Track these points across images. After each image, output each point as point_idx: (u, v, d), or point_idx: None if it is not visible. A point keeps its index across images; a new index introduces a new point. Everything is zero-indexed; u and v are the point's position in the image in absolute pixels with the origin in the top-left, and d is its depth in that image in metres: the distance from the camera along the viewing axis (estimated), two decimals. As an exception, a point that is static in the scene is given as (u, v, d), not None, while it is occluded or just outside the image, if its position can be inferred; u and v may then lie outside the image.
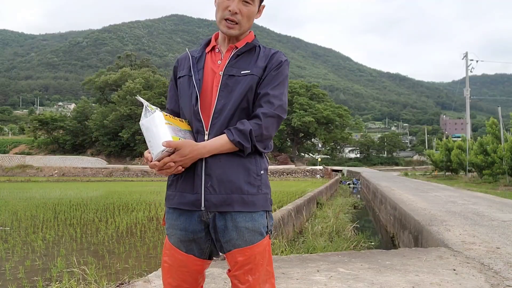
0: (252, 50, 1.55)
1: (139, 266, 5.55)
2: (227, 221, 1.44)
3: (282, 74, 1.52)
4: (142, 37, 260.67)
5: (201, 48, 1.62)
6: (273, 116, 1.46)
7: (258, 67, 1.50)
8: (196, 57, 1.58)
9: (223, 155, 1.45)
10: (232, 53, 1.53)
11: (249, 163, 1.47)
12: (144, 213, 10.84)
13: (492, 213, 7.84)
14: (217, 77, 1.50)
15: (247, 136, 1.42)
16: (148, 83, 58.89)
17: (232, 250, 1.45)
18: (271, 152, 1.89)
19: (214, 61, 1.55)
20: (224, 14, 1.50)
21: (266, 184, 1.51)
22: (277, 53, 1.56)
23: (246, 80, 1.48)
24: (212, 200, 1.43)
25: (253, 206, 1.45)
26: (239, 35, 1.55)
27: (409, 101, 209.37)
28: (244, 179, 1.45)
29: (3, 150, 59.18)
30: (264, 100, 1.47)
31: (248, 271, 1.44)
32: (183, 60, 1.62)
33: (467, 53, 35.60)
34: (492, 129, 23.10)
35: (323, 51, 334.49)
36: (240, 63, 1.51)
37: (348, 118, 59.70)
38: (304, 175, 41.91)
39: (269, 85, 1.48)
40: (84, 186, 25.79)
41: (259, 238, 1.46)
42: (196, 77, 1.52)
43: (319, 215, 10.90)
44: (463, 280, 3.30)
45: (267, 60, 1.52)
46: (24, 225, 8.94)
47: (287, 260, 4.08)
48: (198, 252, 1.52)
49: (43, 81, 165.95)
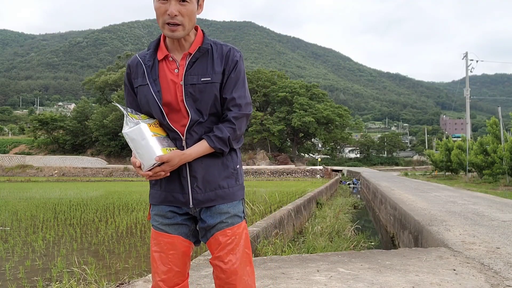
0: (205, 54, 1.60)
1: (139, 266, 5.55)
2: (212, 211, 1.61)
3: (240, 72, 1.61)
4: (142, 37, 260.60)
5: (151, 54, 1.62)
6: (242, 116, 1.61)
7: (216, 73, 1.57)
8: (149, 65, 1.60)
9: (204, 157, 1.59)
10: (187, 61, 1.58)
11: (227, 160, 1.64)
12: (144, 213, 10.84)
13: (492, 213, 7.84)
14: (179, 87, 1.56)
15: (226, 142, 1.58)
16: (148, 83, 58.80)
17: (215, 233, 1.60)
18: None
19: (171, 70, 1.59)
20: (164, 19, 1.52)
21: (241, 175, 1.70)
22: (231, 51, 1.61)
23: (209, 89, 1.56)
24: (199, 198, 1.60)
25: (233, 196, 1.64)
26: (186, 35, 1.57)
27: (409, 101, 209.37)
28: (225, 175, 1.62)
29: (3, 150, 59.19)
30: (231, 104, 1.59)
31: (230, 251, 1.58)
32: (135, 67, 1.64)
33: (467, 53, 35.58)
34: (493, 129, 23.09)
35: (323, 51, 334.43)
36: (198, 69, 1.57)
37: (348, 118, 59.67)
38: (304, 175, 41.92)
39: (232, 88, 1.59)
40: (84, 186, 25.80)
41: (238, 221, 1.64)
42: (155, 88, 1.57)
43: (319, 215, 10.90)
44: (463, 280, 3.30)
45: (224, 62, 1.59)
46: (24, 225, 8.94)
47: (287, 260, 4.08)
48: (185, 234, 1.64)
49: (43, 81, 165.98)
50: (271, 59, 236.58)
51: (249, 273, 1.63)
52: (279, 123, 53.71)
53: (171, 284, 1.60)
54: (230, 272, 1.57)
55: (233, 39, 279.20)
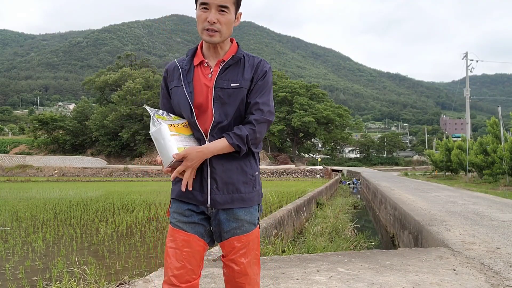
0: (238, 62, 1.73)
1: (139, 266, 5.55)
2: (229, 215, 1.70)
3: (267, 82, 1.73)
4: (142, 37, 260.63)
5: (188, 60, 1.77)
6: (264, 121, 1.69)
7: (245, 80, 1.69)
8: (185, 69, 1.74)
9: (225, 161, 1.68)
10: (220, 67, 1.70)
11: (246, 166, 1.72)
12: (144, 213, 10.84)
13: (492, 213, 7.84)
14: (211, 90, 1.68)
15: (244, 140, 1.65)
16: (148, 83, 58.85)
17: (230, 238, 1.71)
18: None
19: (205, 75, 1.72)
20: (204, 25, 1.66)
21: (258, 183, 1.79)
22: (261, 63, 1.75)
23: (237, 93, 1.68)
24: (217, 199, 1.68)
25: (250, 202, 1.73)
26: (222, 43, 1.71)
27: (409, 101, 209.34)
28: (242, 180, 1.71)
29: (3, 150, 59.16)
30: (254, 108, 1.68)
31: (242, 254, 1.71)
32: (172, 71, 1.79)
33: (467, 53, 35.57)
34: (493, 129, 23.08)
35: (323, 51, 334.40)
36: (229, 76, 1.69)
37: (348, 118, 59.66)
38: (304, 175, 41.92)
39: (257, 94, 1.70)
40: (84, 186, 25.79)
41: (253, 228, 1.75)
42: (188, 89, 1.70)
43: (319, 215, 10.90)
44: (463, 280, 3.30)
45: (253, 71, 1.71)
46: (24, 225, 8.94)
47: (287, 260, 4.08)
48: (200, 234, 1.72)
49: (43, 81, 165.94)
50: (271, 59, 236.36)
51: (257, 273, 1.77)
52: (279, 123, 53.69)
53: (182, 280, 1.66)
54: (241, 273, 1.72)
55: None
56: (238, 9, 1.72)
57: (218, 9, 1.64)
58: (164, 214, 10.71)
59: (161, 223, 9.35)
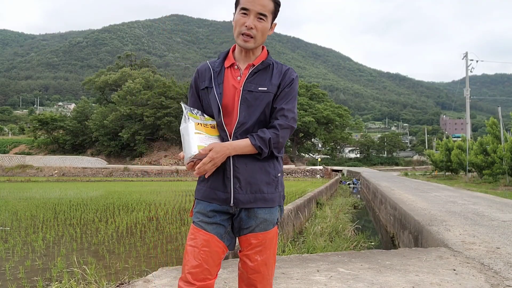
0: (267, 68, 1.78)
1: (139, 266, 5.55)
2: (250, 213, 1.74)
3: (294, 90, 1.79)
4: (142, 37, 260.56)
5: (220, 62, 1.83)
6: (287, 127, 1.75)
7: (273, 85, 1.75)
8: (216, 71, 1.80)
9: (248, 161, 1.72)
10: (250, 71, 1.76)
11: (269, 167, 1.76)
12: (144, 213, 10.84)
13: (492, 213, 7.84)
14: (238, 92, 1.74)
15: (267, 143, 1.70)
16: (148, 83, 58.86)
17: (248, 234, 1.76)
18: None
19: (234, 77, 1.78)
20: (241, 30, 1.73)
21: (281, 184, 1.83)
22: (289, 70, 1.81)
23: (264, 97, 1.73)
24: (240, 199, 1.72)
25: (271, 202, 1.77)
26: (255, 49, 1.78)
27: (409, 101, 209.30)
28: (265, 181, 1.75)
29: (3, 150, 59.17)
30: (279, 114, 1.74)
31: (258, 252, 1.75)
32: (204, 72, 1.84)
33: (467, 53, 35.57)
34: (492, 129, 23.08)
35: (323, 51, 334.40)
36: (257, 80, 1.75)
37: (348, 118, 59.66)
38: (304, 175, 41.92)
39: (283, 101, 1.75)
40: (84, 186, 25.79)
41: (271, 227, 1.78)
42: (218, 90, 1.75)
43: (319, 215, 10.90)
44: (463, 280, 3.30)
45: (281, 78, 1.77)
46: (24, 225, 8.94)
47: (287, 260, 4.08)
48: (220, 235, 1.75)
49: (43, 81, 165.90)
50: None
51: (271, 273, 1.81)
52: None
53: (198, 278, 1.68)
54: (254, 270, 1.76)
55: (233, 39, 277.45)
56: (274, 19, 1.79)
57: (257, 16, 1.71)
58: (164, 214, 10.71)
59: (161, 223, 9.35)
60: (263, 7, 1.71)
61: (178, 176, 42.26)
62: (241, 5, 1.73)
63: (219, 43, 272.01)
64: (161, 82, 58.25)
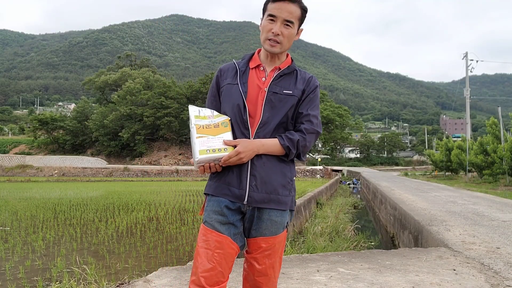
0: (292, 73, 1.82)
1: (139, 266, 5.55)
2: (263, 214, 1.72)
3: (317, 97, 1.84)
4: (142, 37, 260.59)
5: (245, 62, 1.86)
6: (313, 132, 1.78)
7: (298, 89, 1.78)
8: (242, 70, 1.82)
9: (267, 160, 1.72)
10: (275, 73, 1.79)
11: (286, 170, 1.77)
12: (144, 213, 10.84)
13: (492, 213, 7.84)
14: (262, 92, 1.75)
15: (295, 144, 1.72)
16: (148, 83, 58.86)
17: (258, 237, 1.73)
18: None
19: (259, 78, 1.79)
20: (268, 35, 1.75)
21: (294, 188, 1.83)
22: (312, 78, 1.85)
23: (288, 100, 1.75)
24: (255, 197, 1.70)
25: (284, 205, 1.75)
26: (280, 54, 1.80)
27: (409, 101, 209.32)
28: (281, 183, 1.74)
29: (3, 150, 59.19)
30: (305, 119, 1.77)
31: (267, 255, 1.74)
32: (227, 70, 1.86)
33: (467, 53, 35.55)
34: (492, 129, 23.08)
35: (323, 51, 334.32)
36: (282, 83, 1.78)
37: (348, 118, 59.71)
38: (304, 175, 41.90)
39: (308, 106, 1.79)
40: (84, 186, 25.79)
41: (281, 231, 1.76)
42: (243, 88, 1.77)
43: (319, 215, 10.90)
44: (463, 280, 3.30)
45: (305, 84, 1.81)
46: (24, 225, 8.94)
47: (287, 260, 4.08)
48: (233, 235, 1.71)
49: (43, 81, 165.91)
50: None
51: (277, 275, 1.80)
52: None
53: (211, 282, 1.65)
54: (261, 273, 1.74)
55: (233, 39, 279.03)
56: (301, 24, 1.82)
57: (284, 23, 1.73)
58: (164, 214, 10.71)
59: (161, 223, 9.35)
60: (290, 14, 1.73)
61: (178, 176, 42.25)
62: (269, 11, 1.75)
63: (219, 43, 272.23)
64: (161, 82, 58.29)
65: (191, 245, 6.96)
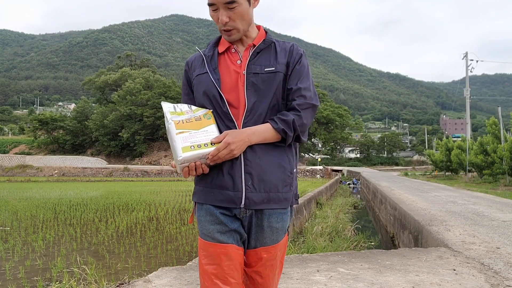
0: (269, 46, 1.58)
1: (139, 266, 5.55)
2: (262, 221, 1.51)
3: (304, 66, 1.58)
4: (142, 37, 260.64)
5: (211, 47, 1.62)
6: (308, 106, 1.53)
7: (281, 64, 1.54)
8: (209, 55, 1.59)
9: (262, 153, 1.49)
10: (250, 52, 1.55)
11: (284, 162, 1.53)
12: (144, 213, 10.84)
13: (492, 213, 7.84)
14: (242, 76, 1.52)
15: (290, 125, 1.48)
16: (148, 83, 58.84)
17: (258, 247, 1.53)
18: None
19: (234, 61, 1.56)
20: (219, 26, 1.54)
21: (295, 182, 1.59)
22: (294, 46, 1.61)
23: (273, 78, 1.52)
24: (253, 198, 1.48)
25: (286, 202, 1.54)
26: (246, 32, 1.57)
27: (409, 101, 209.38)
28: (280, 178, 1.51)
29: (3, 150, 59.20)
30: (297, 94, 1.53)
31: (269, 266, 1.54)
32: (193, 61, 1.64)
33: (467, 53, 35.54)
34: (492, 129, 23.09)
35: (323, 51, 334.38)
36: (261, 60, 1.54)
37: (348, 118, 59.65)
38: (304, 175, 41.89)
39: (297, 79, 1.54)
40: (84, 186, 25.79)
41: (282, 236, 1.57)
42: (214, 76, 1.53)
43: (319, 215, 10.90)
44: (463, 280, 3.30)
45: (288, 55, 1.57)
46: (24, 225, 8.94)
47: (287, 260, 4.07)
48: (237, 241, 1.51)
49: (43, 81, 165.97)
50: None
51: (278, 281, 1.64)
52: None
53: None
54: (264, 285, 1.56)
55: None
56: None
57: (226, 7, 1.49)
58: (164, 214, 10.71)
59: (161, 223, 9.35)
60: None
61: (178, 176, 42.23)
62: (208, 1, 1.52)
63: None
64: (161, 82, 58.29)
65: (191, 245, 6.96)
